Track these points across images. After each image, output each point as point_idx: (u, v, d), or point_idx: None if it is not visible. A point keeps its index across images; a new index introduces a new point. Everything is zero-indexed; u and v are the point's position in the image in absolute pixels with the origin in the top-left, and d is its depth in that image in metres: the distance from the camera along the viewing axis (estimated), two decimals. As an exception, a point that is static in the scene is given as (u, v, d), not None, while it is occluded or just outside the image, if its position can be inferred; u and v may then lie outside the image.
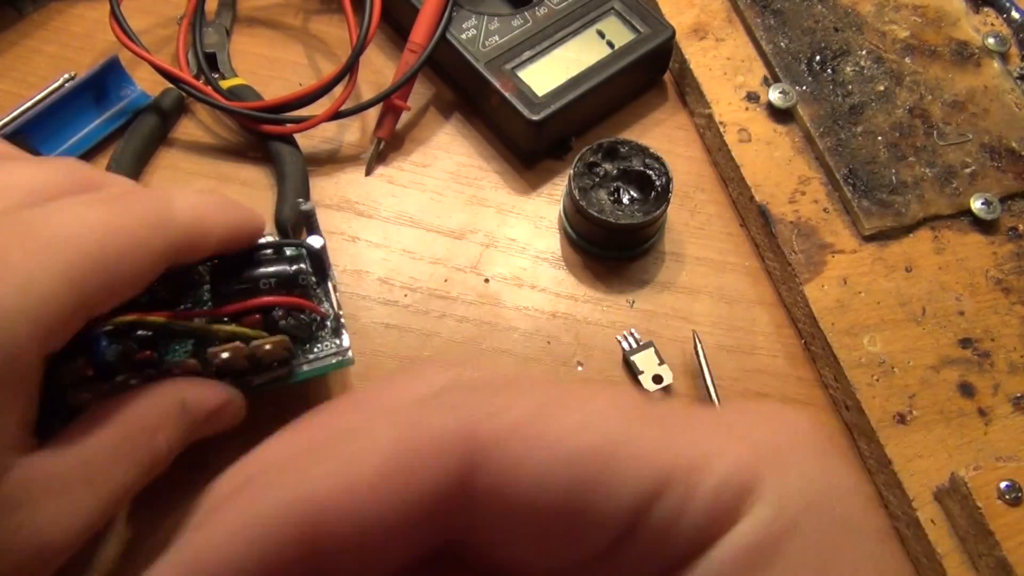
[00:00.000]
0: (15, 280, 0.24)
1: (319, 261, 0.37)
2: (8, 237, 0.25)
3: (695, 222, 0.50)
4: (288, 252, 0.36)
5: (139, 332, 0.31)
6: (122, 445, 0.28)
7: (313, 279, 0.36)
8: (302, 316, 0.34)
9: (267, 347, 0.33)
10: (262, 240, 0.35)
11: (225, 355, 0.32)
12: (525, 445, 0.15)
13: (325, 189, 0.49)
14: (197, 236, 0.30)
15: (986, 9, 0.54)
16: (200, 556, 0.14)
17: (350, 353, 0.37)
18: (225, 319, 0.33)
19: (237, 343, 0.32)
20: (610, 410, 0.16)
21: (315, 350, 0.37)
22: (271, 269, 0.34)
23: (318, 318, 0.36)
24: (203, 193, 0.31)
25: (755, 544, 0.15)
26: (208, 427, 0.32)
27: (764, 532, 0.15)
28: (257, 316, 0.33)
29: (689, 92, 0.53)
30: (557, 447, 0.15)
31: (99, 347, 0.30)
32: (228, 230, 0.31)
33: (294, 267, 0.34)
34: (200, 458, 0.31)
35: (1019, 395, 0.43)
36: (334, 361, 0.37)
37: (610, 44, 0.50)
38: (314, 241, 0.36)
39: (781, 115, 0.50)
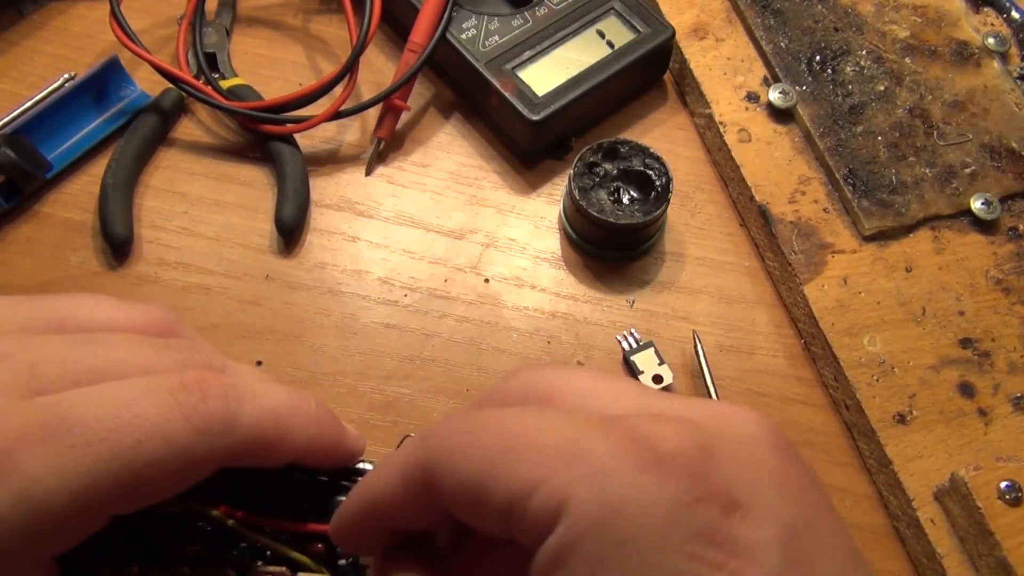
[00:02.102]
0: (15, 487, 0.23)
1: None
2: (29, 428, 0.23)
3: (695, 222, 0.50)
4: None
5: (199, 523, 0.28)
6: None
7: None
8: (366, 565, 0.30)
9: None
10: (359, 465, 0.31)
11: None
12: (448, 467, 0.23)
13: (325, 189, 0.49)
14: (263, 448, 0.27)
15: (986, 9, 0.54)
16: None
17: None
18: (287, 536, 0.29)
19: (283, 568, 0.29)
20: (491, 444, 0.22)
21: None
22: None
23: None
24: (299, 397, 0.28)
25: (552, 552, 0.21)
26: None
27: (558, 544, 0.20)
28: (320, 546, 0.29)
29: (689, 92, 0.53)
30: (461, 472, 0.22)
31: (150, 530, 0.28)
32: (309, 447, 0.28)
33: None
34: None
35: (1019, 395, 0.43)
36: None
37: (610, 44, 0.50)
38: None
39: (781, 115, 0.50)
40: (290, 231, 0.47)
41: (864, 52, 0.52)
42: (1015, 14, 0.54)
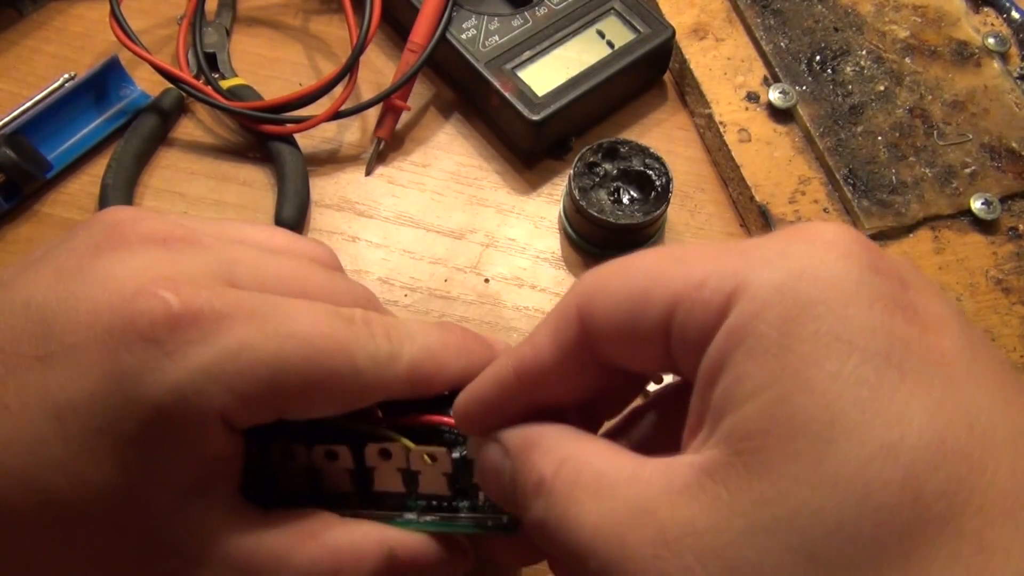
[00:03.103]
0: (230, 343, 0.24)
1: None
2: (240, 307, 0.25)
3: (695, 222, 0.50)
4: None
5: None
6: (314, 569, 0.27)
7: None
8: (472, 460, 0.29)
9: (425, 457, 0.29)
10: None
11: (380, 454, 0.29)
12: (604, 292, 0.23)
13: (325, 189, 0.49)
14: (420, 382, 0.28)
15: (986, 9, 0.54)
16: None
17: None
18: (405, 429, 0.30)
19: (396, 444, 0.29)
20: (650, 261, 0.23)
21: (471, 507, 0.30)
22: None
23: None
24: (447, 331, 0.29)
25: (732, 330, 0.20)
26: None
27: (737, 322, 0.20)
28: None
29: (689, 92, 0.53)
30: (619, 290, 0.23)
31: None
32: (463, 375, 0.28)
33: None
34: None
35: (1019, 395, 0.43)
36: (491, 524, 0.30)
37: (610, 44, 0.50)
38: None
39: (781, 115, 0.50)
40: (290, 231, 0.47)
41: (864, 52, 0.52)
42: (1015, 14, 0.54)
